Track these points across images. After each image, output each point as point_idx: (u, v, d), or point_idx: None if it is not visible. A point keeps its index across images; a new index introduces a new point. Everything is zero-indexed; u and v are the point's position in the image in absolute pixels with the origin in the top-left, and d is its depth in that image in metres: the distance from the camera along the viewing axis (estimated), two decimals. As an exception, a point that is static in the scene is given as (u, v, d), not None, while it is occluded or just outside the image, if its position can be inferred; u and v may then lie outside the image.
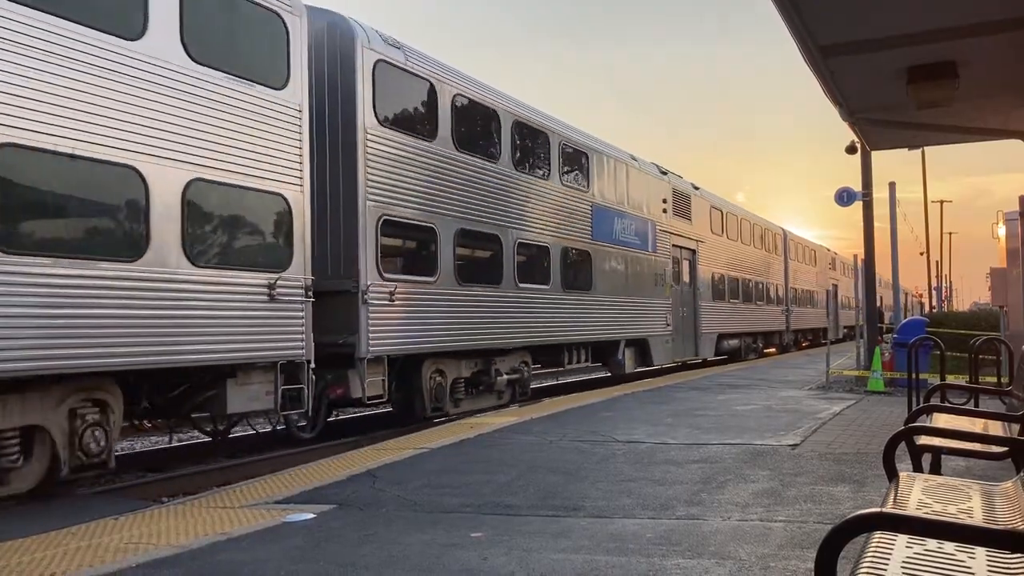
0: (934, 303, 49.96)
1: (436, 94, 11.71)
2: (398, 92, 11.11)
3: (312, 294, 9.16)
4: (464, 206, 12.10)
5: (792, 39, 5.78)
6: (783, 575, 3.98)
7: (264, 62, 8.92)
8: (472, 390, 12.64)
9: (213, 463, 9.55)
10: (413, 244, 11.50)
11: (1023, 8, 5.28)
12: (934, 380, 10.50)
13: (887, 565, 2.30)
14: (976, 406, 7.66)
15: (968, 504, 3.17)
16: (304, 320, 9.05)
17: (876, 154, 15.54)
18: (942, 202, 61.17)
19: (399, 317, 10.68)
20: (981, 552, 2.41)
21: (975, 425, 5.02)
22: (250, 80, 8.67)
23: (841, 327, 40.07)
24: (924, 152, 38.84)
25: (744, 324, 25.17)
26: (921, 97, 6.71)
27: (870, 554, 2.38)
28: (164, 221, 7.68)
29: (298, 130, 9.19)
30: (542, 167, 14.36)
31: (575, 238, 15.27)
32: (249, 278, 8.52)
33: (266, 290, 8.65)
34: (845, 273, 41.67)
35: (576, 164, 15.56)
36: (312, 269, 9.22)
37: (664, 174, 19.83)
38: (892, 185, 17.85)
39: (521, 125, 13.76)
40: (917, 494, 3.30)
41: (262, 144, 8.75)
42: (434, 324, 11.31)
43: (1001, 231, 13.96)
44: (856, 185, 16.37)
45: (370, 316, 10.12)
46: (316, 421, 10.06)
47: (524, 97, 14.71)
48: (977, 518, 2.99)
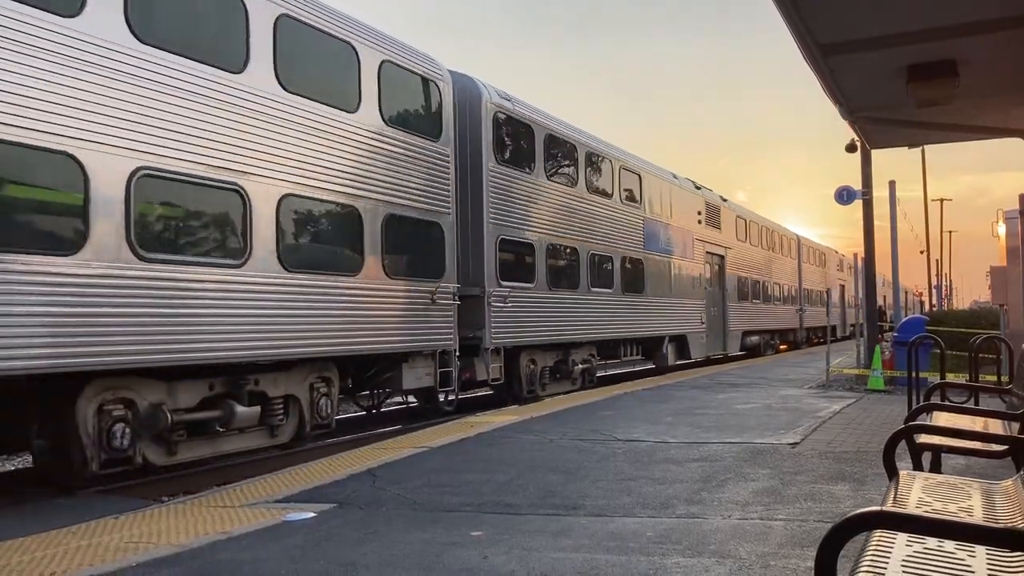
0: (934, 302, 49.99)
1: (533, 134, 14.29)
2: (508, 135, 13.67)
3: (458, 298, 11.69)
4: (553, 225, 14.73)
5: (792, 38, 5.77)
6: (783, 573, 3.98)
7: (426, 120, 11.47)
8: (554, 377, 15.02)
9: (213, 463, 9.54)
10: (519, 257, 13.80)
11: (1023, 6, 5.28)
12: (934, 379, 10.50)
13: (887, 563, 2.30)
14: (976, 404, 7.66)
15: (968, 502, 3.17)
16: (453, 319, 11.63)
17: (876, 153, 15.54)
18: (942, 200, 61.01)
19: (510, 316, 13.24)
20: (981, 551, 2.41)
21: (975, 423, 5.02)
22: (419, 135, 11.18)
23: (848, 324, 41.09)
24: (924, 150, 38.89)
25: (764, 322, 27.74)
26: (921, 95, 6.70)
27: (870, 552, 2.38)
28: (372, 244, 10.18)
29: (448, 170, 11.70)
30: (606, 189, 16.97)
31: (631, 248, 17.80)
32: (420, 286, 11.00)
33: (430, 295, 11.15)
34: (852, 274, 42.35)
35: (631, 185, 18.13)
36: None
37: (698, 189, 22.53)
38: (892, 184, 17.87)
39: (591, 154, 16.35)
40: (917, 492, 3.30)
41: (428, 183, 11.25)
42: (532, 322, 13.91)
43: (1001, 229, 13.97)
44: (856, 184, 16.37)
45: (491, 315, 12.69)
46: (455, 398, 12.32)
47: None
48: (977, 517, 2.99)
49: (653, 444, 7.89)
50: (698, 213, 21.99)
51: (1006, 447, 4.07)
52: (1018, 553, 2.32)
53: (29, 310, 6.60)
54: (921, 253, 49.99)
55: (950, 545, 2.43)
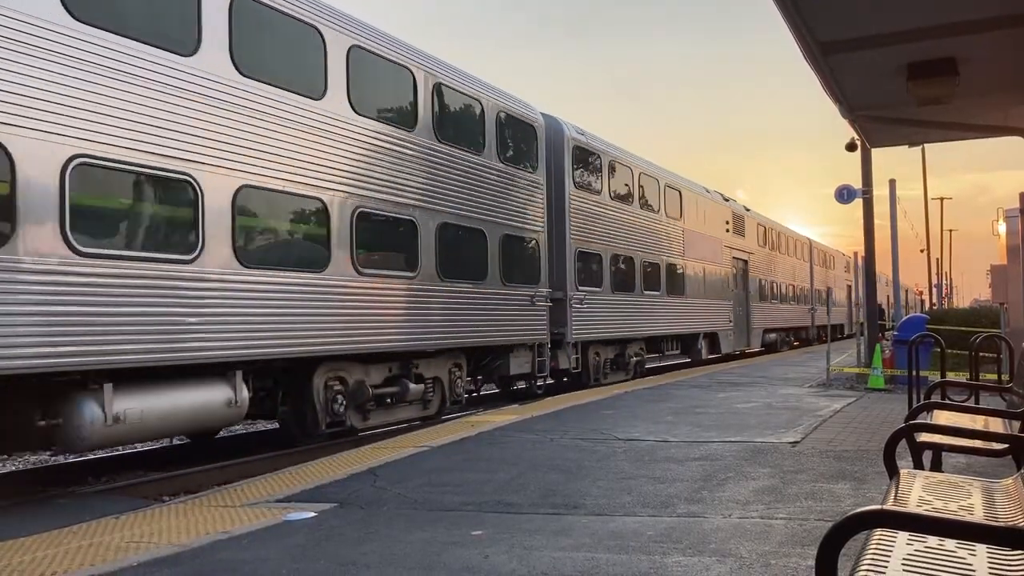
0: (934, 300, 49.96)
1: (601, 162, 16.78)
2: (583, 164, 16.11)
3: (550, 301, 14.30)
4: (614, 237, 17.10)
5: (792, 36, 5.77)
6: (784, 572, 3.98)
7: (528, 156, 14.10)
8: (613, 368, 17.22)
9: (213, 462, 9.55)
10: (590, 265, 16.14)
11: (1023, 4, 5.27)
12: (934, 377, 10.49)
13: (888, 562, 2.30)
14: (976, 403, 7.66)
15: (969, 501, 3.17)
16: (547, 317, 14.20)
17: (876, 151, 15.53)
18: (942, 199, 60.90)
19: (585, 315, 15.64)
20: (982, 549, 2.41)
21: (976, 422, 5.02)
22: (523, 169, 13.85)
23: (855, 322, 42.10)
24: (924, 149, 38.88)
25: (781, 320, 30.22)
26: (921, 94, 6.70)
27: (871, 551, 2.38)
28: (492, 258, 12.81)
29: (542, 196, 14.39)
30: (654, 205, 19.42)
31: (673, 256, 20.23)
32: (524, 291, 13.57)
33: (530, 298, 13.72)
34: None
35: (673, 200, 20.54)
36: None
37: (727, 200, 25.04)
38: (892, 182, 17.86)
39: (643, 175, 18.87)
40: (918, 491, 3.30)
41: (529, 207, 13.92)
42: (600, 320, 16.32)
43: (1001, 228, 13.96)
44: (856, 182, 16.36)
45: (572, 315, 15.10)
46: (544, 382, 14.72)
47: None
48: (978, 515, 2.99)
49: (653, 443, 7.89)
50: (726, 222, 24.43)
51: (1006, 445, 4.07)
52: (1019, 552, 2.32)
53: (285, 311, 8.82)
54: (921, 252, 49.97)
55: (951, 544, 2.43)
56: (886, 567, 2.26)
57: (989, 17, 5.57)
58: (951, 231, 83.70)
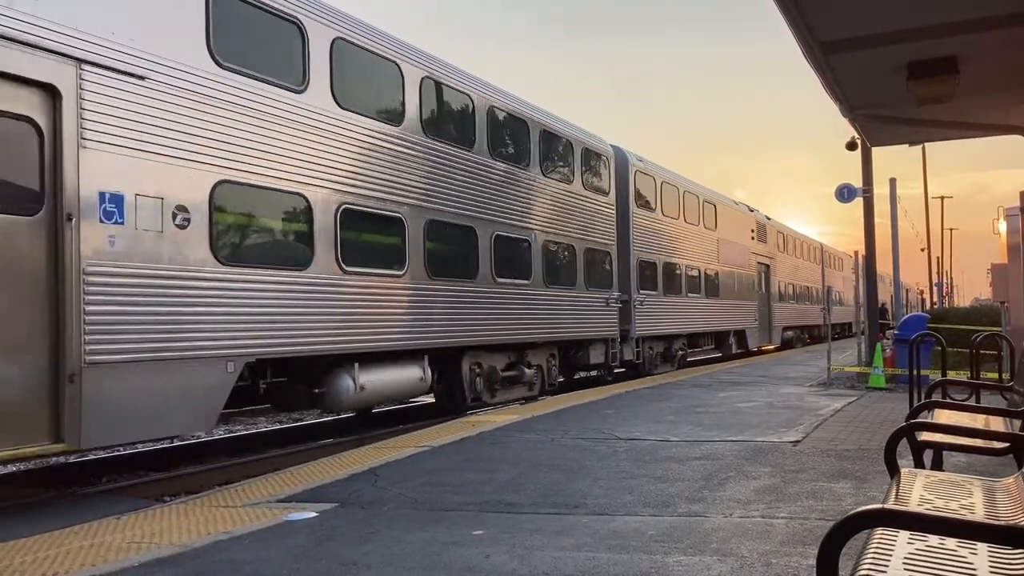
0: (935, 299, 49.93)
1: (655, 183, 19.55)
2: (642, 187, 18.77)
3: (619, 303, 16.95)
4: (666, 249, 19.93)
5: (792, 36, 5.77)
6: (785, 572, 3.97)
7: (602, 182, 16.85)
8: (662, 360, 19.68)
9: (214, 462, 9.56)
10: (648, 272, 18.74)
11: (1022, 3, 5.27)
12: (935, 376, 10.49)
13: (889, 561, 2.30)
14: (977, 402, 7.65)
15: (970, 500, 3.17)
16: (617, 317, 16.84)
17: (876, 150, 15.52)
18: (943, 198, 60.77)
19: (644, 315, 18.33)
20: (983, 548, 2.41)
21: (976, 421, 5.02)
22: (599, 193, 16.57)
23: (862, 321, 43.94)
24: (924, 148, 38.92)
25: (798, 319, 33.14)
26: (921, 93, 6.70)
27: (872, 550, 2.38)
28: (580, 267, 15.57)
29: (613, 216, 17.16)
30: (694, 219, 22.11)
31: (710, 262, 22.87)
32: (601, 295, 16.28)
33: (606, 301, 16.44)
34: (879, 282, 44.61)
35: (709, 213, 23.24)
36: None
37: (751, 211, 27.90)
38: (893, 181, 17.84)
39: (687, 193, 21.62)
40: (919, 490, 3.30)
41: (604, 225, 16.68)
42: (656, 319, 19.08)
43: (1002, 227, 13.93)
44: (856, 181, 16.35)
45: (635, 314, 17.72)
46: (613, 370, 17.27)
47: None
48: (979, 514, 2.98)
49: (654, 443, 7.89)
50: (751, 231, 27.20)
51: (1007, 444, 4.07)
52: (1020, 550, 2.32)
53: (451, 311, 11.56)
54: (922, 251, 49.96)
55: (952, 543, 2.43)
56: (887, 566, 2.26)
57: (989, 16, 5.57)
58: (951, 230, 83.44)
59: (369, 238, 10.12)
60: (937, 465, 4.80)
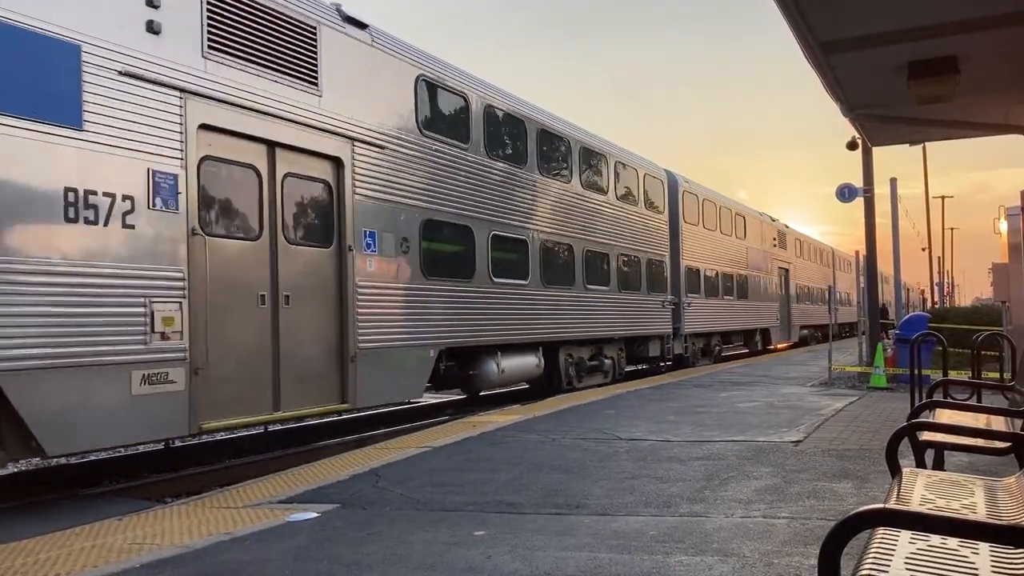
0: (936, 299, 49.92)
1: (698, 201, 22.15)
2: (688, 204, 21.23)
3: (675, 304, 19.79)
4: (707, 256, 22.51)
5: (792, 36, 5.77)
6: (787, 572, 3.98)
7: (659, 202, 19.51)
8: (702, 354, 22.06)
9: (216, 463, 9.57)
10: (693, 277, 21.29)
11: (1023, 3, 5.27)
12: (936, 376, 10.48)
13: (890, 561, 2.30)
14: (979, 402, 7.65)
15: (971, 499, 3.17)
16: (669, 316, 19.49)
17: (877, 150, 15.51)
18: (943, 197, 60.78)
19: (691, 315, 20.86)
20: (984, 548, 2.41)
21: (978, 421, 5.01)
22: (656, 212, 19.31)
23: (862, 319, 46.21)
24: (925, 147, 39.01)
25: (811, 319, 35.79)
26: (922, 92, 6.69)
27: (873, 550, 2.38)
28: (644, 276, 18.26)
29: (667, 229, 19.85)
30: (730, 229, 24.87)
31: (741, 268, 25.64)
32: (658, 298, 18.92)
33: (661, 303, 19.11)
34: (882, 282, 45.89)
35: (740, 224, 26.07)
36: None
37: (773, 220, 30.67)
38: (894, 181, 17.86)
39: (723, 208, 24.36)
40: (920, 490, 3.30)
41: (660, 238, 19.44)
42: (700, 318, 21.57)
43: (1003, 226, 13.93)
44: (857, 181, 16.35)
45: (684, 314, 20.32)
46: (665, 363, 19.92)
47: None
48: (980, 513, 2.98)
49: (656, 443, 7.89)
50: (773, 239, 30.10)
51: (1009, 444, 4.07)
52: (1021, 550, 2.32)
53: (556, 312, 14.44)
54: (923, 250, 49.95)
55: (953, 542, 2.43)
56: (889, 566, 2.26)
57: (989, 15, 5.56)
58: (952, 229, 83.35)
59: (508, 256, 13.09)
60: (938, 465, 4.80)
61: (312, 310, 9.00)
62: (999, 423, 4.93)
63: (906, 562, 2.29)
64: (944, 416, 5.04)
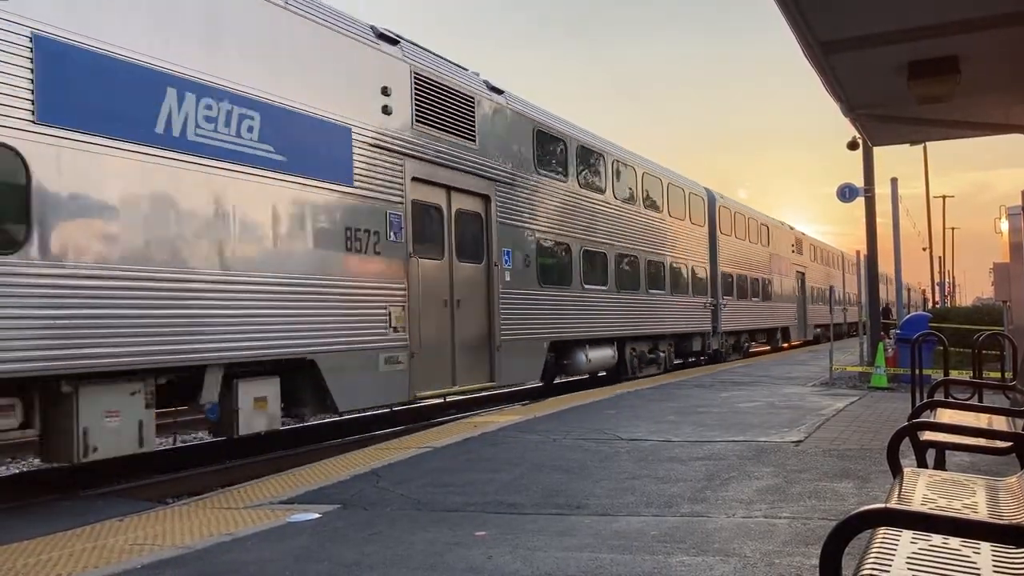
0: (937, 298, 49.93)
1: (731, 214, 24.83)
2: (722, 217, 23.89)
3: (713, 305, 22.52)
4: (737, 262, 25.10)
5: (793, 35, 5.76)
6: (788, 572, 3.97)
7: (700, 217, 22.13)
8: (733, 349, 24.70)
9: (217, 464, 9.57)
10: (728, 282, 23.89)
11: (1023, 2, 5.26)
12: (937, 376, 10.47)
13: (892, 561, 2.30)
14: (980, 401, 7.65)
15: (973, 499, 3.16)
16: (709, 316, 22.14)
17: (878, 150, 15.51)
18: (944, 197, 60.71)
19: (727, 315, 23.49)
20: (986, 547, 2.41)
21: (979, 420, 5.01)
22: (699, 226, 21.98)
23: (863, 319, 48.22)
24: (925, 147, 39.06)
25: (824, 318, 38.04)
26: (922, 92, 6.68)
27: (875, 550, 2.38)
28: (689, 281, 20.89)
29: (707, 240, 22.54)
30: (756, 238, 27.70)
31: (765, 273, 28.30)
32: (700, 300, 21.55)
33: (703, 304, 21.71)
34: (884, 282, 46.60)
35: (765, 233, 28.88)
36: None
37: (791, 229, 33.76)
38: (894, 181, 17.86)
39: (751, 219, 27.13)
40: (921, 490, 3.30)
41: (702, 248, 22.06)
42: (733, 317, 24.19)
43: (1004, 226, 13.92)
44: (857, 181, 16.34)
45: (721, 314, 22.97)
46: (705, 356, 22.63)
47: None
48: (982, 513, 2.98)
49: (656, 443, 7.89)
50: (791, 245, 33.01)
51: (1010, 443, 4.06)
52: (1023, 549, 2.32)
53: (625, 313, 17.16)
54: (924, 250, 49.95)
55: (955, 542, 2.42)
56: (890, 566, 2.26)
57: (989, 15, 5.55)
58: (953, 229, 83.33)
59: (593, 266, 15.95)
60: (940, 464, 4.80)
61: (472, 311, 11.94)
62: (1000, 423, 4.93)
63: (907, 562, 2.29)
64: (945, 416, 5.04)
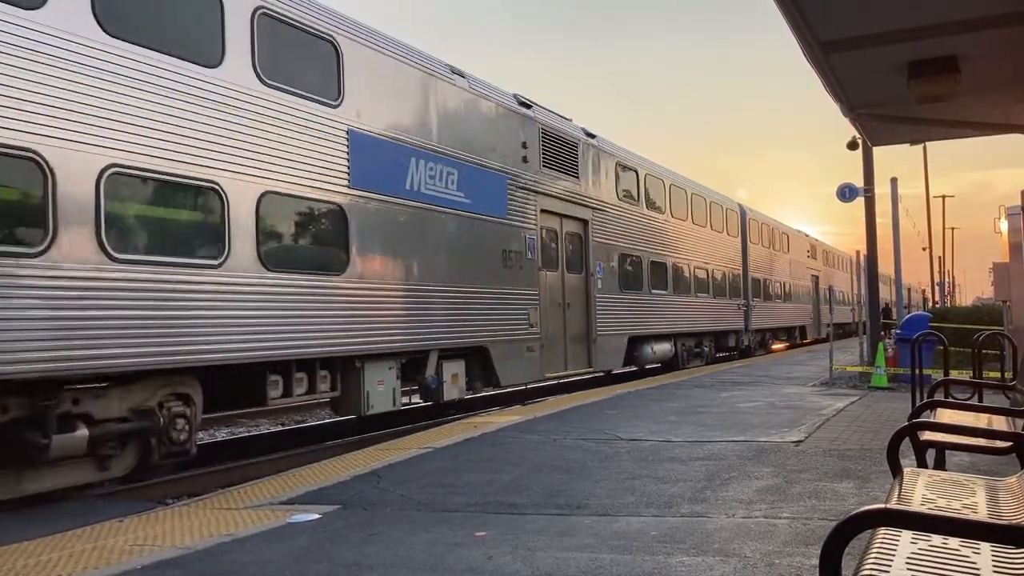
0: (936, 298, 49.93)
1: (759, 225, 27.70)
2: (753, 229, 26.80)
3: (745, 306, 25.42)
4: (764, 267, 28.12)
5: (792, 35, 5.76)
6: (788, 572, 3.97)
7: (734, 229, 25.13)
8: (759, 345, 27.31)
9: (217, 464, 9.56)
10: (756, 285, 26.58)
11: (1023, 2, 5.26)
12: (937, 375, 10.47)
13: (892, 561, 2.30)
14: (980, 401, 7.64)
15: (972, 499, 3.16)
16: (742, 316, 25.01)
17: (877, 149, 15.51)
18: (944, 197, 60.68)
19: (757, 315, 26.35)
20: (986, 547, 2.41)
21: (979, 420, 5.01)
22: (733, 237, 25.06)
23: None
24: (925, 147, 39.08)
25: (837, 318, 42.01)
26: (922, 92, 6.68)
27: (875, 550, 2.38)
28: (726, 285, 24.12)
29: (740, 249, 25.52)
30: (779, 246, 30.76)
31: (786, 277, 31.11)
32: (734, 302, 24.52)
33: (737, 305, 24.79)
34: (885, 282, 47.33)
35: (785, 241, 31.74)
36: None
37: (807, 236, 36.60)
38: (894, 181, 17.86)
39: (773, 229, 30.03)
40: (921, 490, 3.29)
41: (735, 255, 25.04)
42: (760, 317, 26.88)
43: (1003, 226, 13.92)
44: (857, 181, 16.35)
45: (751, 314, 25.85)
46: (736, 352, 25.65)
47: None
48: (982, 513, 2.98)
49: (656, 443, 7.89)
50: (807, 251, 35.89)
51: (1010, 443, 4.06)
52: (1022, 550, 2.32)
53: (681, 312, 20.26)
54: (924, 250, 49.96)
55: (954, 542, 2.42)
56: (890, 566, 2.26)
57: (990, 15, 5.56)
58: (953, 229, 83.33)
59: (657, 274, 18.87)
60: (940, 464, 4.80)
61: (577, 312, 15.32)
62: (1000, 423, 4.93)
63: (907, 562, 2.29)
64: (945, 416, 5.04)
